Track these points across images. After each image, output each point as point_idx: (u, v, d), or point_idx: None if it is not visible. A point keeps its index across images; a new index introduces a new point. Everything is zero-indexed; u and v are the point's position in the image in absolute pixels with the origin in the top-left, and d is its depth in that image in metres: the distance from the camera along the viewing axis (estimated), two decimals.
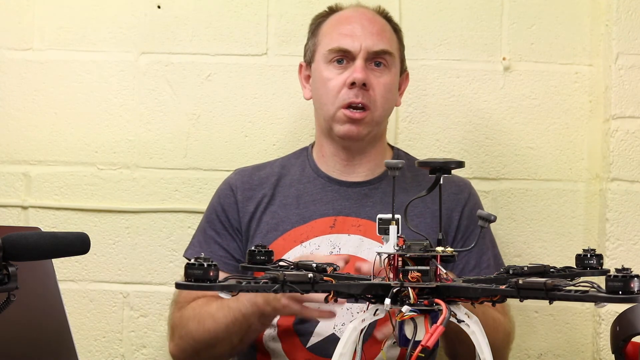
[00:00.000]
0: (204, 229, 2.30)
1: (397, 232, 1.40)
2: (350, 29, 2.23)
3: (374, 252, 1.42)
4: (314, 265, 1.45)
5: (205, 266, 1.29)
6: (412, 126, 2.56)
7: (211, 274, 1.29)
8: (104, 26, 2.59)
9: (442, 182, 1.45)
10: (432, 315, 1.36)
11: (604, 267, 1.57)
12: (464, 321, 1.36)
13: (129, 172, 2.58)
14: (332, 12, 2.32)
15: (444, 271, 1.40)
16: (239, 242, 2.26)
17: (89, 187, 2.58)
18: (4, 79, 2.59)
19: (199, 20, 2.58)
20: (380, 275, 1.43)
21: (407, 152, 2.39)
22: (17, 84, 2.59)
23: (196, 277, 1.29)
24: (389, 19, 2.31)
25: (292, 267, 1.51)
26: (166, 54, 2.58)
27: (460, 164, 1.47)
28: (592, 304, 1.28)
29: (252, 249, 1.58)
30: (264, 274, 1.36)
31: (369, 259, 2.12)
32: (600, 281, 1.31)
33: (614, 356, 1.82)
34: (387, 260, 1.41)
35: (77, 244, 1.42)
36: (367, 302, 1.39)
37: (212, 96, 2.58)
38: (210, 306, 2.11)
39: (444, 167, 1.45)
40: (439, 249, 1.40)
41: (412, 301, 1.34)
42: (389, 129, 2.45)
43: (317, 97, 2.27)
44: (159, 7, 2.59)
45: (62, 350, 1.69)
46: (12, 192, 2.58)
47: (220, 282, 1.31)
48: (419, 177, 2.22)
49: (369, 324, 1.39)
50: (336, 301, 1.40)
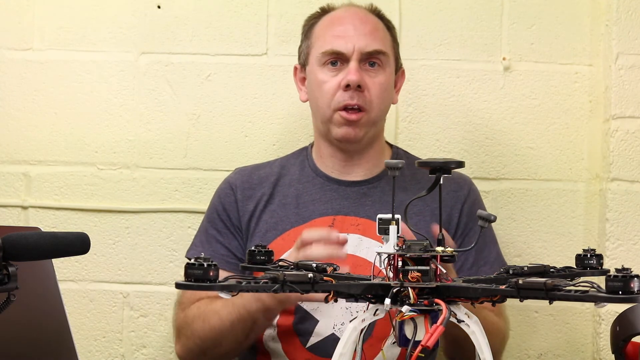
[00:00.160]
0: (206, 229, 2.30)
1: (397, 232, 1.41)
2: (342, 30, 2.22)
3: (373, 251, 1.42)
4: (314, 265, 1.45)
5: (205, 266, 1.29)
6: (412, 126, 2.56)
7: (211, 273, 1.29)
8: (104, 26, 2.59)
9: (442, 181, 1.45)
10: (432, 315, 1.36)
11: (604, 267, 1.57)
12: (463, 321, 1.36)
13: (129, 172, 2.58)
14: (324, 12, 2.30)
15: (444, 271, 1.40)
16: (240, 241, 2.26)
17: (89, 187, 2.58)
18: (4, 79, 2.59)
19: (199, 20, 2.58)
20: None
21: (406, 151, 2.39)
22: (17, 84, 2.59)
23: (196, 277, 1.29)
24: (381, 17, 2.30)
25: (292, 267, 1.51)
26: (166, 54, 2.58)
27: (460, 164, 1.47)
28: (592, 304, 1.28)
29: (252, 248, 1.58)
30: (264, 274, 1.36)
31: (368, 258, 2.13)
32: (600, 281, 1.31)
33: (614, 356, 1.82)
34: (387, 260, 1.41)
35: (77, 244, 1.42)
36: (367, 302, 1.40)
37: (212, 96, 2.58)
38: (214, 304, 2.11)
39: (444, 167, 1.45)
40: (439, 249, 1.40)
41: (412, 301, 1.34)
42: (388, 129, 2.45)
43: (312, 100, 2.27)
44: (159, 7, 2.59)
45: (62, 350, 1.69)
46: (12, 192, 2.58)
47: (221, 281, 1.31)
48: (417, 176, 2.22)
49: (369, 324, 1.39)
50: (336, 301, 1.40)
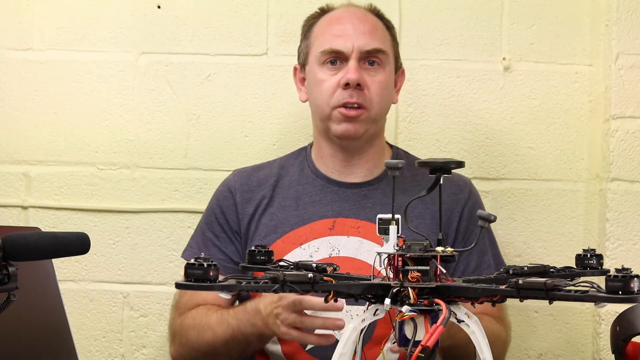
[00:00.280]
0: (203, 231, 2.29)
1: (397, 232, 1.40)
2: (341, 29, 2.22)
3: (374, 254, 1.42)
4: (314, 265, 1.45)
5: (205, 266, 1.29)
6: (412, 126, 2.56)
7: (211, 274, 1.29)
8: (104, 26, 2.59)
9: (441, 182, 1.45)
10: (432, 315, 1.36)
11: (604, 267, 1.57)
12: (463, 321, 1.36)
13: (129, 172, 2.58)
14: (323, 12, 2.30)
15: (444, 271, 1.40)
16: (237, 245, 2.26)
17: (89, 187, 2.58)
18: (4, 79, 2.59)
19: (199, 20, 2.58)
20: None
21: (406, 151, 2.38)
22: (17, 84, 2.59)
23: (196, 277, 1.29)
24: (380, 17, 2.29)
25: (292, 267, 1.51)
26: (166, 54, 2.58)
27: (460, 164, 1.47)
28: (592, 304, 1.28)
29: (252, 249, 1.58)
30: (264, 274, 1.36)
31: (369, 261, 2.12)
32: (600, 281, 1.31)
33: (614, 356, 1.82)
34: (387, 260, 1.41)
35: (77, 244, 1.42)
36: (367, 302, 1.39)
37: (212, 96, 2.58)
38: (210, 318, 2.13)
39: (444, 167, 1.45)
40: (439, 249, 1.40)
41: (412, 301, 1.34)
42: (388, 129, 2.45)
43: (312, 99, 2.26)
44: (159, 7, 2.59)
45: (62, 350, 1.69)
46: (12, 192, 2.58)
47: (219, 282, 1.31)
48: (418, 177, 2.22)
49: (369, 325, 1.39)
50: (336, 301, 1.40)
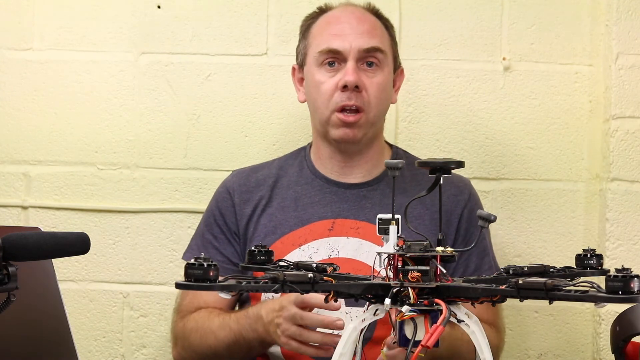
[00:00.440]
0: (202, 233, 2.29)
1: (397, 233, 1.40)
2: (339, 29, 2.21)
3: (372, 255, 1.42)
4: (314, 265, 1.45)
5: (205, 266, 1.29)
6: (412, 126, 2.56)
7: (211, 274, 1.29)
8: (104, 26, 2.59)
9: (441, 182, 1.45)
10: (432, 315, 1.36)
11: (604, 267, 1.57)
12: (463, 321, 1.36)
13: (129, 172, 2.58)
14: (321, 12, 2.29)
15: (444, 271, 1.40)
16: (236, 247, 2.25)
17: (89, 187, 2.58)
18: (4, 79, 2.59)
19: (199, 20, 2.58)
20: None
21: (406, 151, 2.38)
22: (17, 84, 2.59)
23: (196, 277, 1.29)
24: (379, 16, 2.28)
25: (292, 267, 1.51)
26: (166, 54, 2.58)
27: (460, 164, 1.46)
28: (592, 304, 1.28)
29: (252, 249, 1.58)
30: (264, 274, 1.36)
31: (368, 262, 2.12)
32: (600, 281, 1.31)
33: (614, 356, 1.82)
34: (387, 260, 1.41)
35: (77, 244, 1.42)
36: (367, 302, 1.39)
37: (212, 96, 2.58)
38: (212, 322, 2.13)
39: (444, 167, 1.45)
40: (439, 249, 1.40)
41: (412, 301, 1.34)
42: (388, 129, 2.45)
43: (310, 101, 2.26)
44: (159, 7, 2.59)
45: (62, 350, 1.69)
46: (12, 192, 2.58)
47: (220, 282, 1.31)
48: (417, 177, 2.21)
49: (369, 325, 1.39)
50: (336, 301, 1.40)
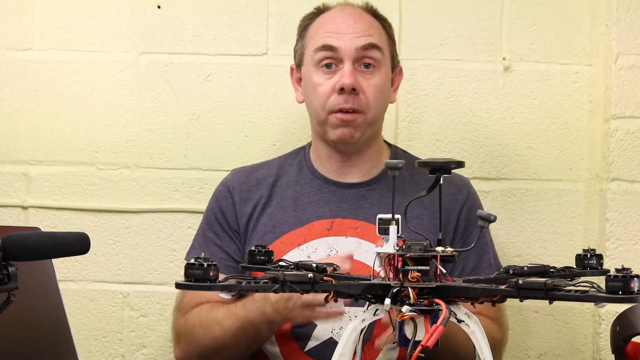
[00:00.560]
0: (204, 231, 2.29)
1: (397, 233, 1.40)
2: (336, 28, 2.21)
3: (372, 254, 1.42)
4: (314, 265, 1.45)
5: (205, 266, 1.29)
6: (412, 126, 2.56)
7: (211, 273, 1.29)
8: (104, 26, 2.59)
9: (441, 182, 1.45)
10: (432, 315, 1.36)
11: (604, 267, 1.57)
12: (463, 321, 1.36)
13: (129, 172, 2.58)
14: (319, 12, 2.29)
15: (444, 271, 1.40)
16: (238, 244, 2.26)
17: (89, 187, 2.58)
18: (4, 79, 2.59)
19: (199, 20, 2.58)
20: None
21: (405, 150, 2.38)
22: (17, 84, 2.59)
23: (196, 277, 1.29)
24: (377, 16, 2.28)
25: (292, 267, 1.51)
26: (166, 54, 2.58)
27: (460, 164, 1.47)
28: (592, 304, 1.28)
29: (252, 249, 1.58)
30: (264, 274, 1.36)
31: (367, 262, 2.12)
32: (600, 281, 1.31)
33: (614, 356, 1.82)
34: (387, 260, 1.41)
35: (77, 244, 1.42)
36: (367, 302, 1.39)
37: (212, 96, 2.58)
38: (216, 313, 2.11)
39: (444, 167, 1.45)
40: (439, 249, 1.40)
41: (412, 301, 1.34)
42: (388, 129, 2.45)
43: (308, 102, 2.26)
44: (159, 7, 2.59)
45: (62, 350, 1.69)
46: (12, 192, 2.58)
47: (220, 282, 1.31)
48: (416, 177, 2.21)
49: (369, 325, 1.39)
50: (336, 301, 1.40)
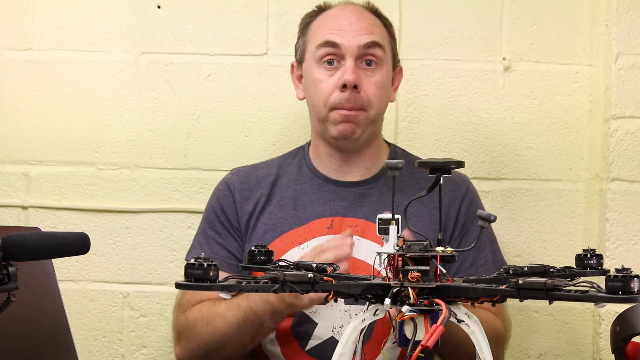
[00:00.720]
0: (204, 230, 2.29)
1: (397, 232, 1.40)
2: (338, 25, 2.22)
3: (372, 252, 1.42)
4: (314, 265, 1.45)
5: (205, 266, 1.29)
6: (412, 126, 2.56)
7: (211, 273, 1.29)
8: (104, 26, 2.59)
9: (441, 181, 1.45)
10: (432, 315, 1.36)
11: (604, 267, 1.57)
12: (463, 321, 1.36)
13: (129, 172, 2.58)
14: (320, 11, 2.30)
15: (444, 271, 1.40)
16: (239, 242, 2.26)
17: (89, 187, 2.58)
18: (4, 79, 2.59)
19: (199, 20, 2.58)
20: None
21: (404, 149, 2.38)
22: (17, 84, 2.59)
23: (196, 277, 1.29)
24: (378, 15, 2.29)
25: (292, 267, 1.51)
26: (166, 54, 2.58)
27: (460, 164, 1.47)
28: (592, 304, 1.28)
29: (252, 248, 1.58)
30: (264, 274, 1.36)
31: (367, 260, 2.12)
32: (600, 281, 1.31)
33: (614, 356, 1.82)
34: (387, 260, 1.41)
35: (77, 244, 1.42)
36: (367, 302, 1.40)
37: (212, 96, 2.58)
38: (218, 306, 2.10)
39: (444, 167, 1.45)
40: (439, 249, 1.40)
41: (412, 301, 1.34)
42: (388, 129, 2.45)
43: (309, 99, 2.26)
44: (159, 7, 2.59)
45: (62, 350, 1.69)
46: (12, 192, 2.58)
47: (220, 281, 1.31)
48: (415, 176, 2.21)
49: (369, 325, 1.39)
50: (336, 301, 1.40)
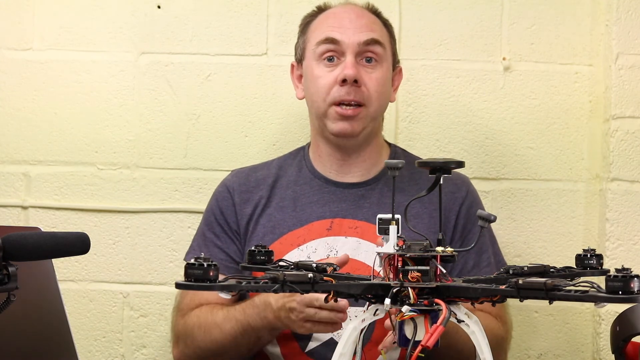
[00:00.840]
0: (203, 232, 2.29)
1: (397, 233, 1.40)
2: (338, 23, 2.23)
3: (372, 254, 1.42)
4: (314, 265, 1.45)
5: (205, 266, 1.29)
6: (412, 126, 2.56)
7: (211, 274, 1.29)
8: (104, 26, 2.59)
9: (441, 182, 1.45)
10: (432, 315, 1.36)
11: (604, 267, 1.57)
12: (463, 321, 1.36)
13: (129, 172, 2.58)
14: (320, 11, 2.31)
15: (444, 271, 1.40)
16: (238, 245, 2.25)
17: (89, 187, 2.58)
18: (4, 79, 2.59)
19: (199, 20, 2.58)
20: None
21: (404, 149, 2.38)
22: (17, 84, 2.59)
23: (196, 277, 1.29)
24: (378, 15, 2.30)
25: (292, 267, 1.51)
26: (166, 54, 2.58)
27: (460, 164, 1.47)
28: (592, 304, 1.28)
29: (252, 249, 1.58)
30: (264, 274, 1.36)
31: (367, 261, 2.12)
32: (600, 281, 1.31)
33: (614, 356, 1.82)
34: (387, 260, 1.41)
35: (77, 244, 1.42)
36: (367, 302, 1.39)
37: (212, 96, 2.58)
38: (216, 316, 2.11)
39: (444, 167, 1.45)
40: (439, 249, 1.40)
41: (412, 301, 1.34)
42: (388, 129, 2.45)
43: (308, 96, 2.26)
44: (159, 7, 2.59)
45: (62, 350, 1.69)
46: (12, 192, 2.58)
47: (220, 282, 1.31)
48: (415, 176, 2.21)
49: (369, 325, 1.39)
50: (336, 301, 1.40)
